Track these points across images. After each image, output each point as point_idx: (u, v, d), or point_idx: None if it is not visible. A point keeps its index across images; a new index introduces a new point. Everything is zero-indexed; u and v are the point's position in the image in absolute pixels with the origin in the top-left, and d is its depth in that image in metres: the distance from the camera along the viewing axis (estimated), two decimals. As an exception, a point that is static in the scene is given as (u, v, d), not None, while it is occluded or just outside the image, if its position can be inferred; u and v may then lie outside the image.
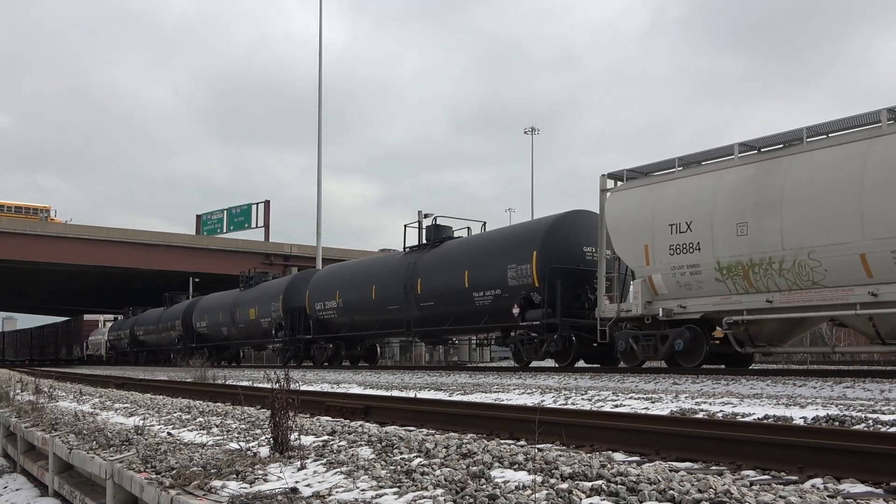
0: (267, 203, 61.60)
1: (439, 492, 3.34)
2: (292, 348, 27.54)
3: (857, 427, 5.70)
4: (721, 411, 6.99)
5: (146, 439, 5.71)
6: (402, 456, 4.35)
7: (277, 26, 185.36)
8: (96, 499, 5.35)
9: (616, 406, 8.03)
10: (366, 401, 8.84)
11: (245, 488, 3.75)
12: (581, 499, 3.13)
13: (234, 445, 5.13)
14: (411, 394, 10.99)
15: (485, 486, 3.38)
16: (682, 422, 5.84)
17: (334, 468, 4.07)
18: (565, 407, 8.14)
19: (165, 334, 40.56)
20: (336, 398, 9.62)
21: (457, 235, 22.46)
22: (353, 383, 14.93)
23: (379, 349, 28.44)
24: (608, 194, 15.86)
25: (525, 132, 76.19)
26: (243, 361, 37.41)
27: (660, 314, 14.23)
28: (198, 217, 66.70)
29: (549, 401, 9.10)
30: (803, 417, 6.33)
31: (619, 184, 15.83)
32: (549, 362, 18.17)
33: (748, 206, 13.04)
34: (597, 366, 17.19)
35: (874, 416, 6.21)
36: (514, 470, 3.78)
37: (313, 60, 42.86)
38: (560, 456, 4.12)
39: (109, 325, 54.55)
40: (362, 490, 3.51)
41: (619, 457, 4.90)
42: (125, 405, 9.86)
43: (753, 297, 13.02)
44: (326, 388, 13.48)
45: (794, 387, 10.09)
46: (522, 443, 5.47)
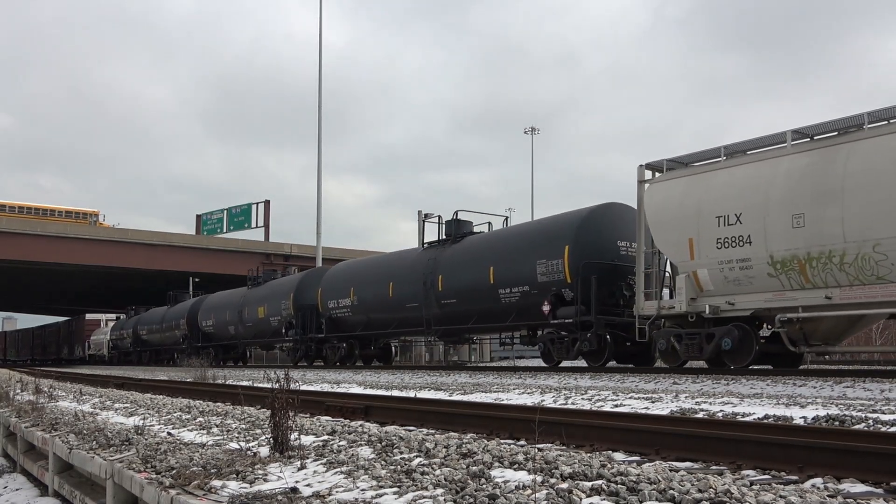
0: (267, 203, 61.62)
1: (439, 491, 3.34)
2: (303, 347, 26.90)
3: (857, 427, 5.70)
4: (721, 411, 6.99)
5: (146, 439, 5.71)
6: (402, 456, 4.35)
7: (277, 26, 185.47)
8: (96, 499, 5.35)
9: (616, 406, 8.03)
10: (366, 400, 8.84)
11: (245, 488, 3.74)
12: (581, 499, 3.13)
13: (234, 445, 5.13)
14: (411, 393, 10.99)
15: (485, 486, 3.38)
16: (683, 421, 5.84)
17: (334, 468, 4.07)
18: (565, 407, 8.14)
19: (170, 333, 39.88)
20: (336, 398, 9.62)
21: (477, 230, 21.68)
22: (353, 383, 14.93)
23: (395, 348, 27.39)
24: (646, 185, 14.97)
25: (525, 132, 76.14)
26: (250, 362, 36.71)
27: (706, 311, 13.47)
28: (198, 217, 66.71)
29: (549, 400, 9.10)
30: (803, 417, 6.33)
31: (658, 175, 14.98)
32: (572, 361, 17.55)
33: (805, 197, 12.26)
34: (629, 366, 16.41)
35: (874, 415, 6.21)
36: (514, 470, 3.78)
37: (313, 60, 42.90)
38: (560, 456, 4.11)
39: (112, 324, 53.91)
40: (362, 490, 3.51)
41: (619, 456, 4.90)
42: (125, 405, 9.86)
43: (810, 293, 12.26)
44: (326, 387, 13.48)
45: (794, 387, 10.09)
46: (522, 442, 5.47)
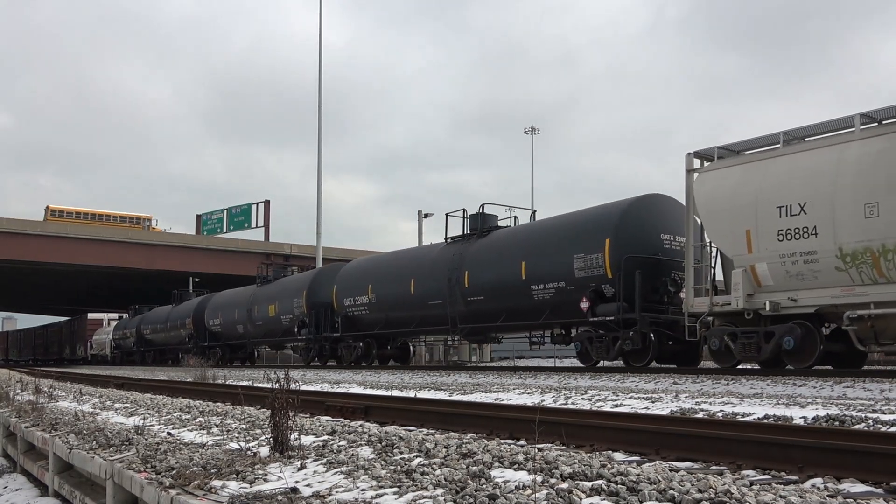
0: (267, 203, 61.64)
1: (439, 492, 3.34)
2: (316, 347, 26.07)
3: (857, 427, 5.70)
4: (721, 411, 6.99)
5: (146, 439, 5.71)
6: (402, 456, 4.35)
7: (277, 26, 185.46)
8: (96, 499, 5.35)
9: (616, 406, 8.03)
10: (366, 400, 8.84)
11: (245, 488, 3.74)
12: (581, 499, 3.13)
13: (234, 445, 5.13)
14: (411, 393, 10.99)
15: (485, 486, 3.38)
16: (683, 421, 5.85)
17: (334, 468, 4.07)
18: (565, 407, 8.14)
19: (175, 333, 39.14)
20: (336, 398, 9.62)
21: (502, 224, 20.75)
22: (352, 383, 14.93)
23: (413, 348, 26.41)
24: (695, 175, 14.15)
25: (525, 132, 76.00)
26: (257, 362, 35.88)
27: (766, 308, 12.67)
28: (198, 217, 66.73)
29: (549, 400, 9.10)
30: (803, 417, 6.33)
31: (708, 163, 14.16)
32: (612, 362, 16.67)
33: (879, 184, 11.48)
34: (672, 366, 15.49)
35: (874, 415, 6.21)
36: (514, 470, 3.78)
37: (313, 60, 42.88)
38: (560, 456, 4.11)
39: (114, 324, 53.26)
40: (362, 490, 3.51)
41: (619, 456, 4.90)
42: (125, 405, 9.86)
43: (885, 289, 11.46)
44: (326, 387, 13.48)
45: (794, 387, 10.09)
46: (522, 442, 5.47)
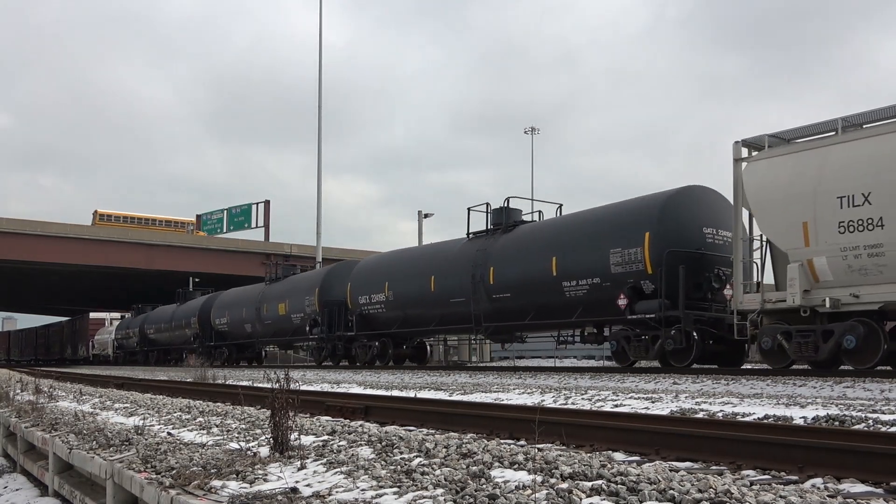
0: (267, 203, 61.68)
1: (439, 491, 3.34)
2: (329, 346, 25.31)
3: (857, 427, 5.70)
4: (721, 411, 6.99)
5: (146, 439, 5.71)
6: (402, 456, 4.35)
7: (278, 26, 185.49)
8: (96, 499, 5.35)
9: (616, 406, 8.03)
10: (366, 401, 8.84)
11: (245, 488, 3.74)
12: (581, 499, 3.13)
13: (234, 445, 5.13)
14: (411, 393, 10.99)
15: (485, 486, 3.38)
16: (683, 422, 5.85)
17: (334, 468, 4.07)
18: (565, 407, 8.14)
19: (179, 332, 38.37)
20: (336, 398, 9.62)
21: (525, 219, 19.97)
22: (353, 383, 14.93)
23: (430, 347, 25.48)
24: (744, 164, 13.48)
25: (525, 132, 76.03)
26: (265, 362, 34.85)
27: (826, 305, 11.97)
28: (198, 217, 66.78)
29: (549, 400, 9.09)
30: (803, 417, 6.33)
31: (757, 153, 13.50)
32: (649, 362, 16.01)
33: None
34: (713, 367, 14.80)
35: (874, 415, 6.21)
36: (514, 470, 3.77)
37: (314, 60, 42.88)
38: (560, 456, 4.11)
39: (116, 323, 52.65)
40: (362, 490, 3.51)
41: (619, 456, 4.90)
42: (125, 405, 9.86)
43: None
44: (326, 387, 13.48)
45: (794, 387, 10.09)
46: (522, 442, 5.47)
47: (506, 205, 19.91)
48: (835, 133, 12.49)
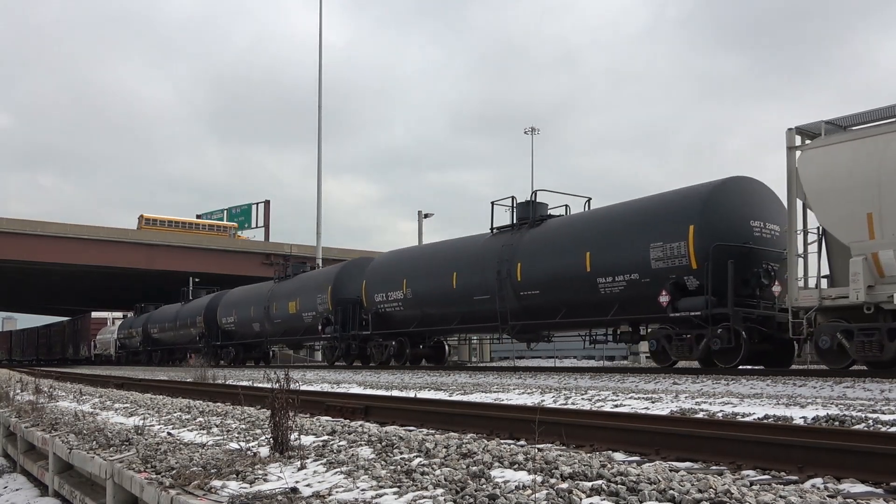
0: (267, 203, 61.90)
1: (439, 491, 3.34)
2: (343, 346, 24.46)
3: (857, 427, 5.70)
4: (721, 411, 6.99)
5: (146, 439, 5.71)
6: (402, 456, 4.35)
7: (278, 26, 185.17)
8: (96, 499, 5.35)
9: (616, 406, 8.03)
10: (366, 401, 8.84)
11: (245, 488, 3.75)
12: (581, 499, 3.13)
13: (234, 445, 5.13)
14: (411, 394, 10.99)
15: (485, 486, 3.38)
16: (683, 422, 5.85)
17: (334, 468, 4.07)
18: (565, 407, 8.14)
19: (185, 332, 37.52)
20: (336, 398, 9.62)
21: (552, 213, 19.13)
22: (353, 383, 14.93)
23: (448, 347, 24.43)
24: (798, 153, 12.75)
25: (525, 132, 76.00)
26: (272, 362, 33.98)
27: (893, 301, 11.22)
28: (198, 217, 66.91)
29: (549, 401, 9.10)
30: (803, 417, 6.33)
31: (810, 141, 12.86)
32: (689, 362, 15.36)
33: None
34: (759, 367, 14.24)
35: (874, 415, 6.21)
36: (514, 470, 3.78)
37: (314, 60, 42.93)
38: (560, 456, 4.11)
39: (119, 323, 51.75)
40: (362, 490, 3.51)
41: (619, 457, 4.90)
42: (125, 405, 9.86)
43: None
44: (326, 388, 13.48)
45: (794, 387, 10.09)
46: (522, 443, 5.47)
47: (533, 198, 19.08)
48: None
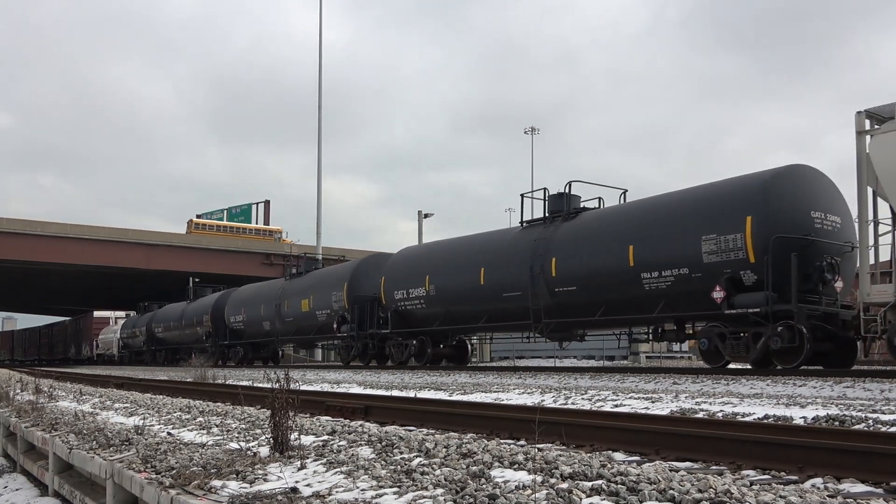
0: (267, 203, 61.98)
1: (439, 491, 3.34)
2: (359, 345, 23.64)
3: (857, 427, 5.70)
4: (721, 411, 6.99)
5: (146, 439, 5.71)
6: (402, 456, 4.35)
7: (278, 26, 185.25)
8: (96, 499, 5.35)
9: (616, 406, 8.03)
10: (366, 401, 8.84)
11: (245, 488, 3.75)
12: (581, 499, 3.13)
13: (234, 445, 5.13)
14: (411, 393, 10.99)
15: (485, 486, 3.38)
16: (683, 422, 5.85)
17: (334, 468, 4.07)
18: (565, 407, 8.14)
19: (190, 331, 36.68)
20: (336, 398, 9.62)
21: (585, 206, 18.35)
22: (353, 383, 14.93)
23: (470, 346, 23.59)
24: (868, 138, 12.09)
25: (525, 132, 76.19)
26: (282, 361, 33.53)
27: None
28: (198, 217, 66.94)
29: (549, 400, 9.10)
30: (803, 417, 6.33)
31: (880, 125, 12.25)
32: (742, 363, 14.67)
33: None
34: (818, 367, 13.47)
35: (874, 415, 6.21)
36: (514, 470, 3.78)
37: (314, 60, 42.97)
38: (560, 456, 4.11)
39: (122, 322, 51.25)
40: (362, 490, 3.51)
41: (619, 456, 4.90)
42: (125, 405, 9.86)
43: None
44: (326, 387, 13.49)
45: (794, 387, 10.09)
46: (522, 442, 5.47)
47: (567, 190, 18.24)
48: None
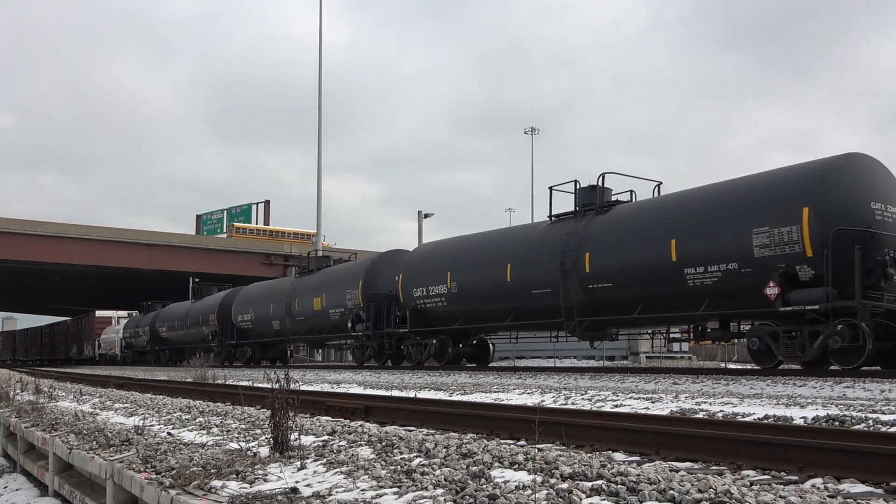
0: (267, 203, 62.03)
1: (439, 492, 3.34)
2: (375, 345, 22.85)
3: (857, 427, 5.70)
4: (721, 411, 6.99)
5: (146, 439, 5.71)
6: (402, 456, 4.35)
7: (278, 26, 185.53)
8: (96, 499, 5.35)
9: (616, 406, 8.03)
10: (366, 401, 8.84)
11: (245, 488, 3.75)
12: (581, 499, 3.13)
13: (234, 445, 5.13)
14: (411, 394, 10.99)
15: (485, 486, 3.38)
16: (683, 422, 5.84)
17: (334, 468, 4.07)
18: (565, 407, 8.14)
19: (196, 330, 35.94)
20: (336, 398, 9.62)
21: (617, 199, 17.51)
22: (353, 383, 14.93)
23: (492, 346, 22.81)
24: None
25: (525, 132, 76.23)
26: (291, 361, 32.81)
27: None
28: (198, 217, 67.07)
29: (549, 401, 9.09)
30: (803, 417, 6.33)
31: None
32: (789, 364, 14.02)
33: None
34: (876, 368, 12.83)
35: (874, 416, 6.21)
36: (514, 470, 3.78)
37: (314, 60, 42.94)
38: (560, 456, 4.11)
39: (124, 321, 50.64)
40: (362, 490, 3.51)
41: (619, 457, 4.90)
42: (125, 405, 9.86)
43: None
44: (326, 388, 13.48)
45: (794, 387, 10.09)
46: (522, 443, 5.47)
47: (600, 182, 17.36)
48: None
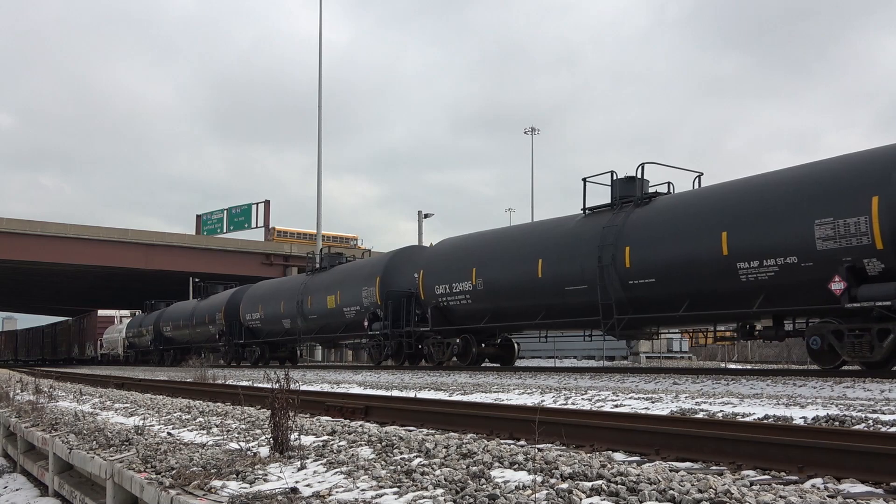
0: (267, 203, 61.88)
1: (439, 492, 3.34)
2: (393, 344, 22.03)
3: (857, 427, 5.70)
4: (721, 411, 6.99)
5: (146, 439, 5.71)
6: (402, 456, 4.35)
7: (279, 26, 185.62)
8: (96, 499, 5.35)
9: (616, 406, 8.03)
10: (366, 401, 8.84)
11: (245, 488, 3.75)
12: (581, 499, 3.13)
13: (234, 445, 5.13)
14: (411, 394, 10.99)
15: (485, 486, 3.38)
16: (683, 422, 5.85)
17: (334, 468, 4.07)
18: (565, 407, 8.14)
19: (202, 329, 34.97)
20: (336, 398, 9.63)
21: (656, 191, 16.61)
22: (353, 383, 14.93)
23: (518, 345, 21.84)
24: None
25: (525, 132, 76.28)
26: (300, 362, 32.25)
27: None
28: (198, 217, 66.89)
29: (549, 401, 9.10)
30: (803, 417, 6.33)
31: None
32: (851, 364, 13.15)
33: None
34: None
35: (874, 416, 6.21)
36: (514, 470, 3.78)
37: (314, 60, 42.98)
38: (560, 456, 4.11)
39: (127, 321, 49.90)
40: (362, 490, 3.51)
41: (619, 457, 4.90)
42: (125, 405, 9.86)
43: None
44: (326, 388, 13.49)
45: (794, 387, 10.09)
46: (522, 443, 5.47)
47: (639, 173, 16.46)
48: None
